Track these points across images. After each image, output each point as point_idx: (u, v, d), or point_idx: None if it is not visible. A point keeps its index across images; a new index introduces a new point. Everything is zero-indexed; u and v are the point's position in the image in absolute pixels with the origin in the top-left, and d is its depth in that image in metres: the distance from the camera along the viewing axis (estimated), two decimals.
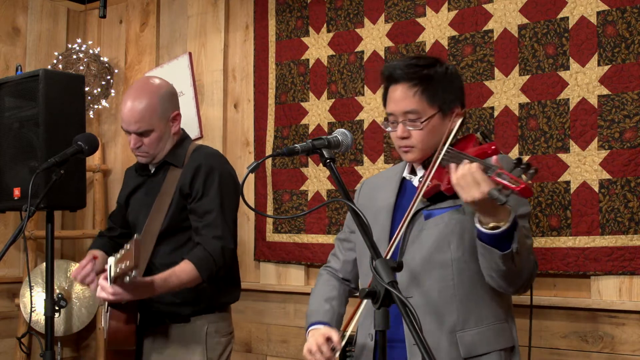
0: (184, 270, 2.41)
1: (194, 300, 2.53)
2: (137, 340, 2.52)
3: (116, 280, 2.22)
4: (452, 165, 1.74)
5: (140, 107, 2.51)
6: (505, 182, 1.60)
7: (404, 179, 2.08)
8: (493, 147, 1.80)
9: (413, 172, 2.07)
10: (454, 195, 1.86)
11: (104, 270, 2.64)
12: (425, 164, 1.99)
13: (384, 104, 2.06)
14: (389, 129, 2.01)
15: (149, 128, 2.53)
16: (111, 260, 2.26)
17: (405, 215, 1.88)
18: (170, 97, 2.62)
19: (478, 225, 1.74)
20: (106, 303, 2.55)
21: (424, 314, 1.85)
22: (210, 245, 2.46)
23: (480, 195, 1.64)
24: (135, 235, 2.13)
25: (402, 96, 1.95)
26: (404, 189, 2.06)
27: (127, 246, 2.14)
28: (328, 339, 1.95)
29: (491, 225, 1.71)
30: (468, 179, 1.67)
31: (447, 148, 1.86)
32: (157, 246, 2.54)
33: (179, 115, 2.64)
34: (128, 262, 2.09)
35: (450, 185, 1.77)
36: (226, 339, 2.64)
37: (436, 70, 1.97)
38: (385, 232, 2.00)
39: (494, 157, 1.70)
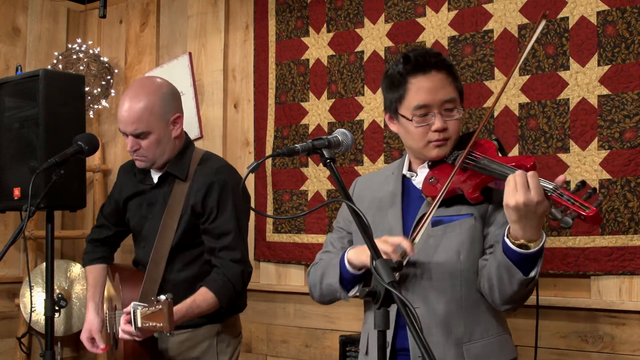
0: (205, 299, 2.35)
1: (203, 315, 2.47)
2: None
3: (141, 330, 2.21)
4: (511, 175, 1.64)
5: (137, 107, 2.40)
6: (571, 204, 1.51)
7: (403, 176, 2.01)
8: (532, 162, 1.72)
9: (410, 169, 2.01)
10: (465, 202, 1.83)
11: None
12: (434, 163, 1.92)
13: (398, 99, 1.92)
14: (415, 124, 1.87)
15: (146, 130, 2.41)
16: (136, 309, 2.21)
17: (422, 223, 1.80)
18: (171, 98, 2.50)
19: (507, 240, 1.68)
20: (115, 318, 2.53)
21: (429, 325, 1.83)
22: (229, 270, 2.39)
23: (524, 199, 1.58)
24: (167, 296, 2.10)
25: (441, 84, 1.86)
26: (406, 187, 2.00)
27: (158, 306, 2.10)
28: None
29: (519, 242, 1.66)
30: (521, 181, 1.60)
31: (470, 151, 1.81)
32: (168, 263, 2.48)
33: (180, 118, 2.51)
34: (160, 323, 2.09)
35: (478, 195, 1.73)
36: (235, 341, 2.62)
37: (451, 62, 1.94)
38: (396, 232, 1.91)
39: (561, 178, 1.62)
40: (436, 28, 2.99)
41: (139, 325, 2.20)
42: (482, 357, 1.84)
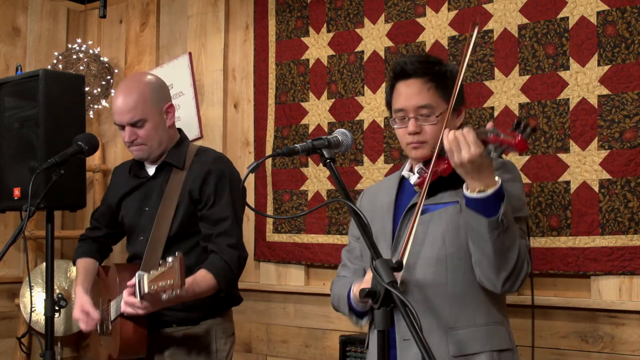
0: (204, 279, 2.38)
1: (202, 304, 2.49)
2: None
3: (146, 296, 2.21)
4: (445, 131, 1.76)
5: (131, 97, 2.48)
6: (501, 138, 1.63)
7: (402, 177, 2.09)
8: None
9: (411, 171, 2.08)
10: (452, 188, 1.88)
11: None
12: (428, 161, 1.97)
13: (389, 102, 2.06)
14: (396, 125, 2.01)
15: (142, 117, 2.48)
16: (142, 276, 2.22)
17: (416, 211, 1.84)
18: (160, 88, 2.59)
19: (466, 192, 1.76)
20: (109, 311, 2.53)
21: (417, 310, 1.85)
22: (227, 255, 2.43)
23: (469, 156, 1.68)
24: (177, 253, 2.11)
25: (416, 91, 1.96)
26: (403, 187, 2.07)
27: (169, 264, 2.10)
28: None
29: (478, 189, 1.73)
30: (460, 138, 1.70)
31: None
32: (165, 252, 2.49)
33: (172, 107, 2.59)
34: (171, 280, 2.08)
35: (447, 165, 1.79)
36: (231, 339, 2.64)
37: (446, 68, 2.01)
38: (385, 230, 2.00)
39: (489, 123, 1.74)
40: (436, 28, 2.99)
41: (146, 290, 2.18)
42: (466, 344, 1.86)
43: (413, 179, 2.01)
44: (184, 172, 2.53)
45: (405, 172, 2.08)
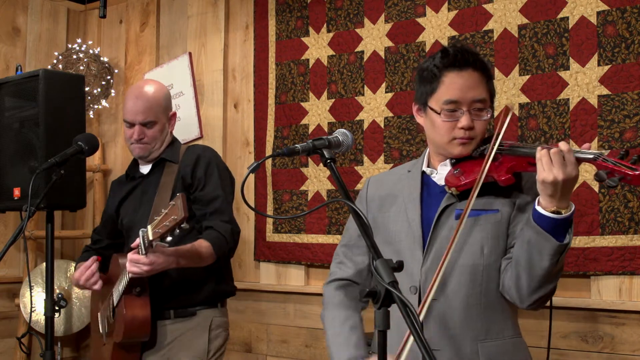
0: (201, 245, 2.49)
1: (198, 289, 2.62)
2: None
3: (152, 244, 2.26)
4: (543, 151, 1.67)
5: (147, 98, 2.65)
6: (617, 167, 1.55)
7: (423, 173, 1.97)
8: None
9: (428, 166, 1.98)
10: (493, 194, 1.82)
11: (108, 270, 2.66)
12: (457, 160, 1.90)
13: (431, 92, 1.89)
14: (443, 118, 1.86)
15: (154, 119, 2.65)
16: (145, 231, 2.27)
17: (461, 217, 1.77)
18: (169, 97, 2.79)
19: (538, 208, 1.68)
20: (111, 300, 2.55)
21: (447, 318, 1.81)
22: (221, 228, 2.55)
23: (564, 176, 1.61)
24: (178, 193, 2.16)
25: (474, 83, 1.85)
26: (426, 183, 1.96)
27: (171, 203, 2.17)
28: None
29: (552, 209, 1.66)
30: (557, 157, 1.62)
31: (501, 141, 1.80)
32: None
33: (175, 115, 2.79)
34: (175, 216, 2.11)
35: (509, 176, 1.74)
36: (225, 334, 2.72)
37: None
38: (415, 226, 1.90)
39: (587, 145, 1.67)
40: (436, 28, 2.99)
41: (151, 237, 2.21)
42: (495, 356, 1.82)
43: (438, 176, 1.92)
44: (177, 165, 2.68)
45: (426, 169, 1.97)
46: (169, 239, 2.18)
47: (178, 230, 2.13)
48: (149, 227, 2.25)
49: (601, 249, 2.55)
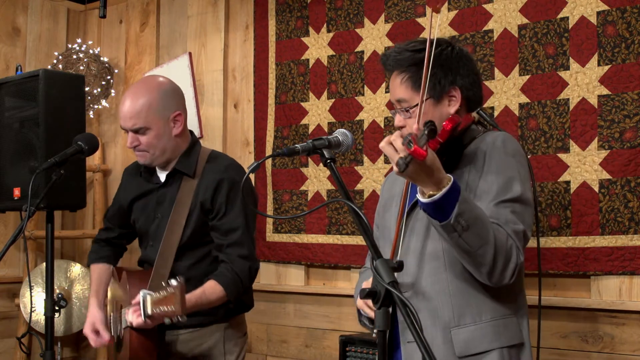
0: (214, 291, 2.36)
1: (211, 311, 2.47)
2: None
3: (152, 317, 2.20)
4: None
5: (137, 103, 2.43)
6: (409, 149, 1.56)
7: None
8: (453, 121, 1.74)
9: None
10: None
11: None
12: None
13: None
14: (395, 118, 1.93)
15: (144, 125, 2.43)
16: (145, 297, 2.20)
17: (400, 206, 1.81)
18: (172, 96, 2.52)
19: (418, 196, 1.69)
20: (119, 319, 2.52)
21: (417, 309, 1.77)
22: (238, 266, 2.41)
23: (396, 170, 1.61)
24: (178, 277, 2.10)
25: (395, 84, 1.91)
26: None
27: (170, 289, 2.10)
28: None
29: (429, 193, 1.66)
30: (388, 149, 1.63)
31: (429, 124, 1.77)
32: (176, 262, 2.47)
33: (181, 115, 2.51)
34: (172, 307, 2.07)
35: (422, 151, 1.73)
36: (242, 340, 2.61)
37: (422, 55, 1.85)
38: (388, 225, 1.97)
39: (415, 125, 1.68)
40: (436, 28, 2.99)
41: (149, 312, 2.18)
42: (471, 342, 1.79)
43: None
44: (195, 181, 2.49)
45: None
46: (167, 321, 2.14)
47: (180, 319, 2.10)
48: (149, 299, 2.18)
49: (601, 249, 2.55)
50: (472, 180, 1.82)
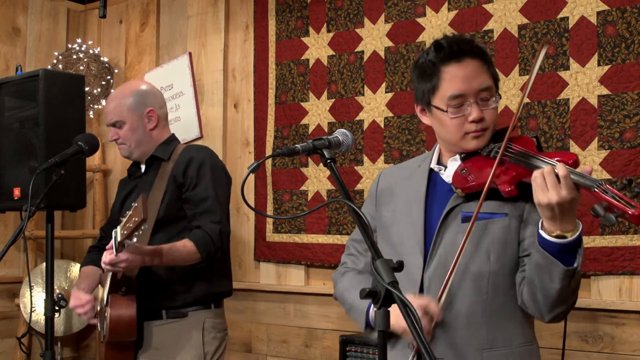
0: (184, 245, 2.49)
1: (188, 289, 2.60)
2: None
3: (123, 244, 2.27)
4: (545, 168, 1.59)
5: (114, 101, 2.74)
6: (616, 201, 1.45)
7: (431, 170, 1.89)
8: (574, 159, 1.62)
9: (439, 163, 1.91)
10: (500, 199, 1.73)
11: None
12: (467, 155, 1.82)
13: (432, 89, 1.81)
14: (451, 115, 1.77)
15: (119, 119, 2.70)
16: (115, 231, 2.30)
17: (470, 224, 1.70)
18: (146, 95, 2.76)
19: (542, 233, 1.60)
20: (105, 299, 2.55)
21: (452, 326, 1.75)
22: (208, 228, 2.54)
23: (558, 198, 1.52)
24: (141, 194, 2.18)
25: (475, 72, 1.76)
26: (433, 181, 1.88)
27: (134, 204, 2.19)
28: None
29: (556, 234, 1.59)
30: (550, 178, 1.54)
31: (507, 144, 1.72)
32: (153, 235, 2.58)
33: (153, 112, 2.75)
34: (136, 217, 2.13)
35: (512, 189, 1.66)
36: (221, 335, 2.69)
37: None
38: (418, 228, 1.84)
39: (588, 169, 1.56)
40: (436, 28, 2.99)
41: (119, 238, 2.25)
42: None
43: (447, 173, 1.85)
44: (170, 163, 2.68)
45: (434, 165, 1.89)
46: (134, 239, 2.20)
47: (141, 232, 2.15)
48: (118, 229, 2.29)
49: (601, 249, 2.55)
50: (530, 206, 1.75)
